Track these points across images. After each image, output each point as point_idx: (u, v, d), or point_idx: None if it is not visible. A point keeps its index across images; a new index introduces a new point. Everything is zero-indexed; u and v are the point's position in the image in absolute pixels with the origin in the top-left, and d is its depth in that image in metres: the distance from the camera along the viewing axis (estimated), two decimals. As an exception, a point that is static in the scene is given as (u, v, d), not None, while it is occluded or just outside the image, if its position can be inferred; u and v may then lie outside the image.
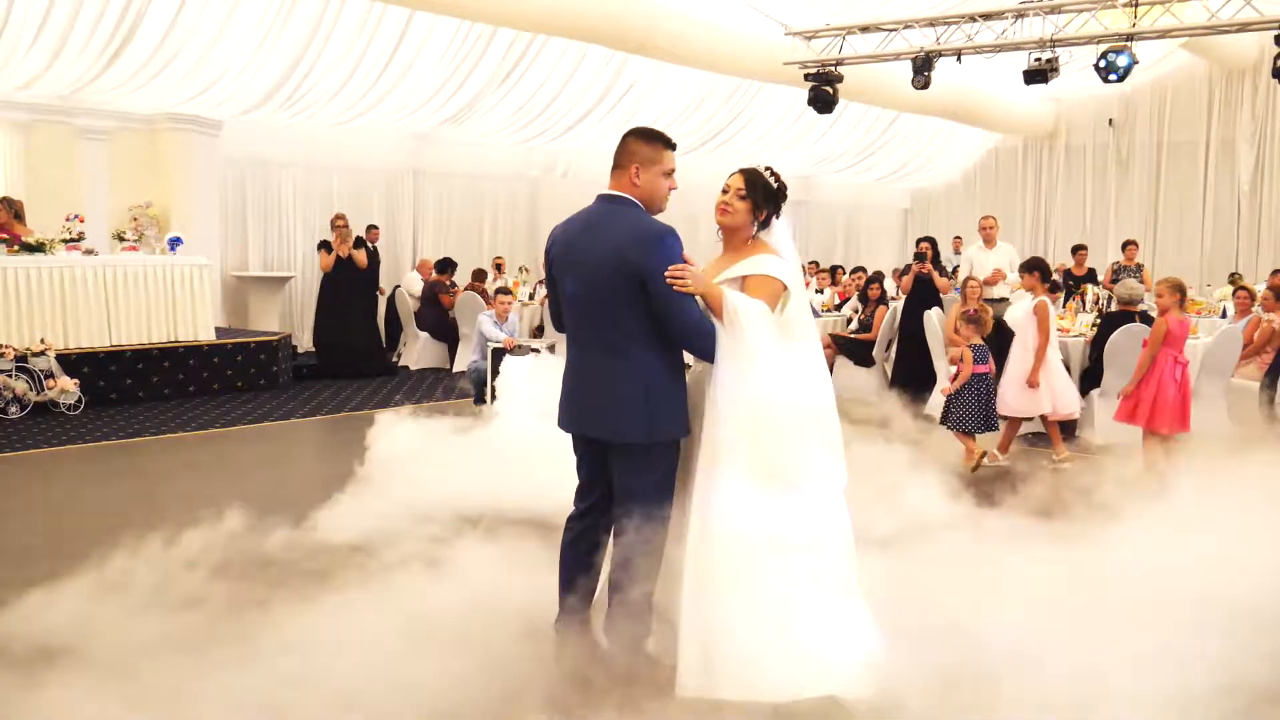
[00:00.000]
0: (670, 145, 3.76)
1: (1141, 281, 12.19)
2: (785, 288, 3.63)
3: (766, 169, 3.77)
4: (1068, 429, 8.39)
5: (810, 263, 16.34)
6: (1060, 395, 7.80)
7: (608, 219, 3.69)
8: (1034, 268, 7.96)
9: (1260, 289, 10.13)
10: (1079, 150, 20.26)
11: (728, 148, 17.20)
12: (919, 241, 10.71)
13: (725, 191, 3.77)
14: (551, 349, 9.44)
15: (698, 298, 3.54)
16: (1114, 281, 12.38)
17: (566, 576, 3.87)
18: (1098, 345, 8.77)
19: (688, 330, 3.54)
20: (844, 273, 14.50)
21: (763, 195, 3.73)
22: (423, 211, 15.05)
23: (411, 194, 14.82)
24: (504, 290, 10.99)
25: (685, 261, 3.52)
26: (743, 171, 3.77)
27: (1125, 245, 12.67)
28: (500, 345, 9.20)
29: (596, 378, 3.67)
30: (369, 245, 12.16)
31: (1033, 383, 7.66)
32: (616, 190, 3.75)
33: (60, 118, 11.24)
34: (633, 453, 3.62)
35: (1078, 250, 13.33)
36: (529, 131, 14.91)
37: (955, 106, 16.84)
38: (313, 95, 12.27)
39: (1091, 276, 12.50)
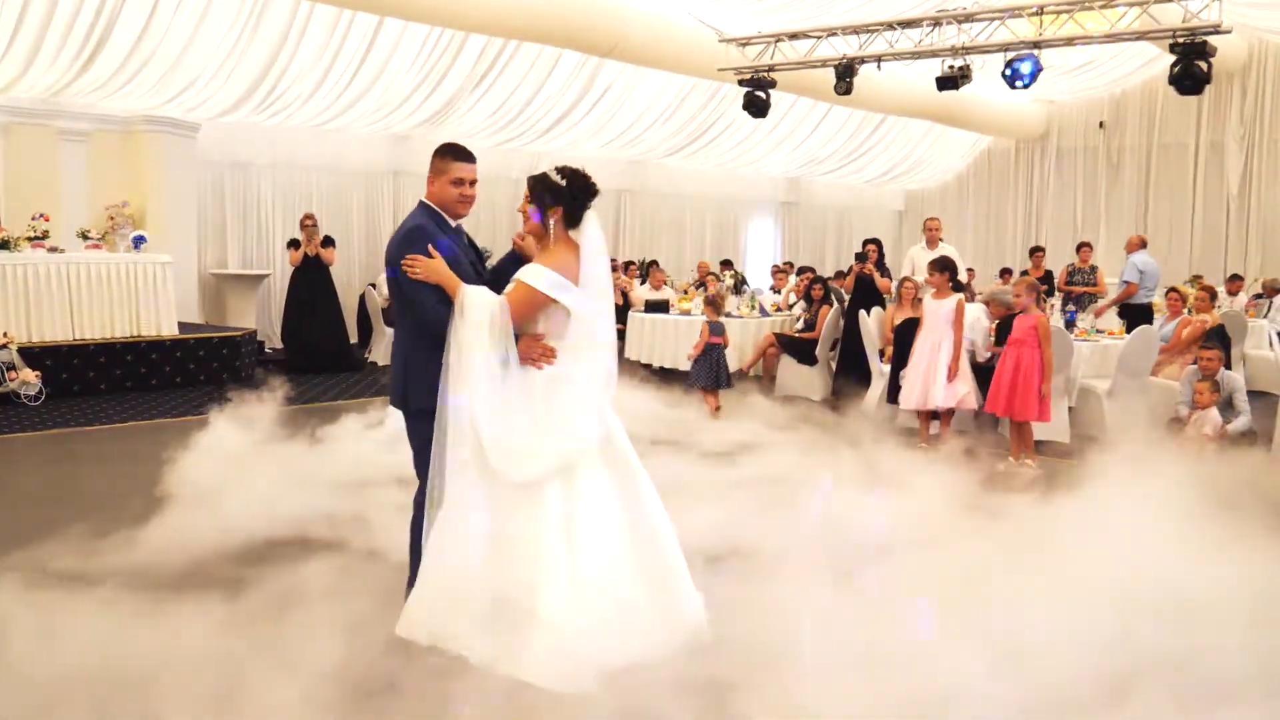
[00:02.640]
0: (461, 157, 4.10)
1: (1096, 283, 12.38)
2: (550, 300, 3.84)
3: (557, 168, 3.98)
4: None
5: (786, 263, 16.54)
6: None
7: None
8: (944, 268, 8.22)
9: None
10: (1070, 152, 20.35)
11: (709, 150, 17.49)
12: (865, 243, 10.94)
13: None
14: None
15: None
16: (1068, 283, 12.55)
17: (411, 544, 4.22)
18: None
19: (421, 315, 3.94)
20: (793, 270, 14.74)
21: (550, 195, 3.94)
22: (403, 212, 15.36)
23: (392, 194, 15.18)
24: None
25: (429, 255, 3.87)
26: (530, 177, 4.04)
27: (1080, 247, 12.79)
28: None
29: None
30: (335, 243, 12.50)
31: (954, 374, 8.07)
32: (425, 197, 4.15)
33: (39, 120, 11.68)
34: (405, 419, 4.13)
35: (1035, 252, 13.48)
36: (507, 133, 15.22)
37: (943, 109, 16.96)
38: (287, 98, 12.66)
39: (1048, 279, 12.64)
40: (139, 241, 10.80)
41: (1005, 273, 16.80)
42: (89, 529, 5.16)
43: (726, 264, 15.68)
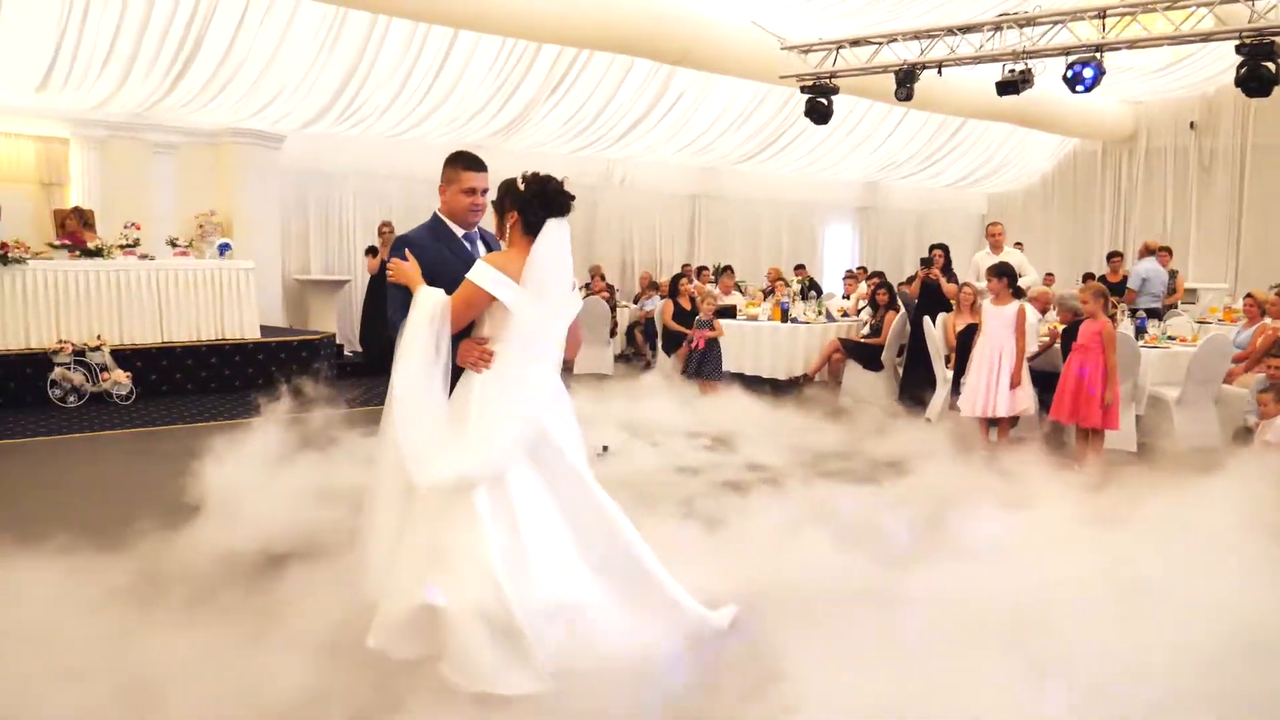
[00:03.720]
0: (471, 166, 4.21)
1: (1175, 289, 12.12)
2: (489, 297, 3.82)
3: (526, 175, 3.94)
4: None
5: (859, 268, 16.48)
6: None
7: None
8: (1002, 273, 8.17)
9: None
10: (1159, 153, 19.83)
11: (784, 156, 17.49)
12: (931, 248, 10.89)
13: None
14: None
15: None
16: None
17: None
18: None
19: (390, 312, 4.06)
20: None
21: (509, 199, 3.93)
22: (479, 220, 15.73)
23: (467, 204, 15.48)
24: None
25: (406, 259, 4.01)
26: (501, 183, 4.04)
27: (1110, 257, 12.71)
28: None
29: None
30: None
31: (1017, 382, 8.01)
32: (439, 206, 4.33)
33: (133, 133, 12.27)
34: None
35: (1112, 257, 13.23)
36: (581, 141, 15.45)
37: (1024, 112, 16.70)
38: (366, 109, 13.05)
39: (1124, 285, 12.40)
40: (224, 249, 11.26)
41: (1089, 278, 16.48)
42: (157, 523, 5.45)
43: (800, 268, 15.69)
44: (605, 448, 7.80)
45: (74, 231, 10.67)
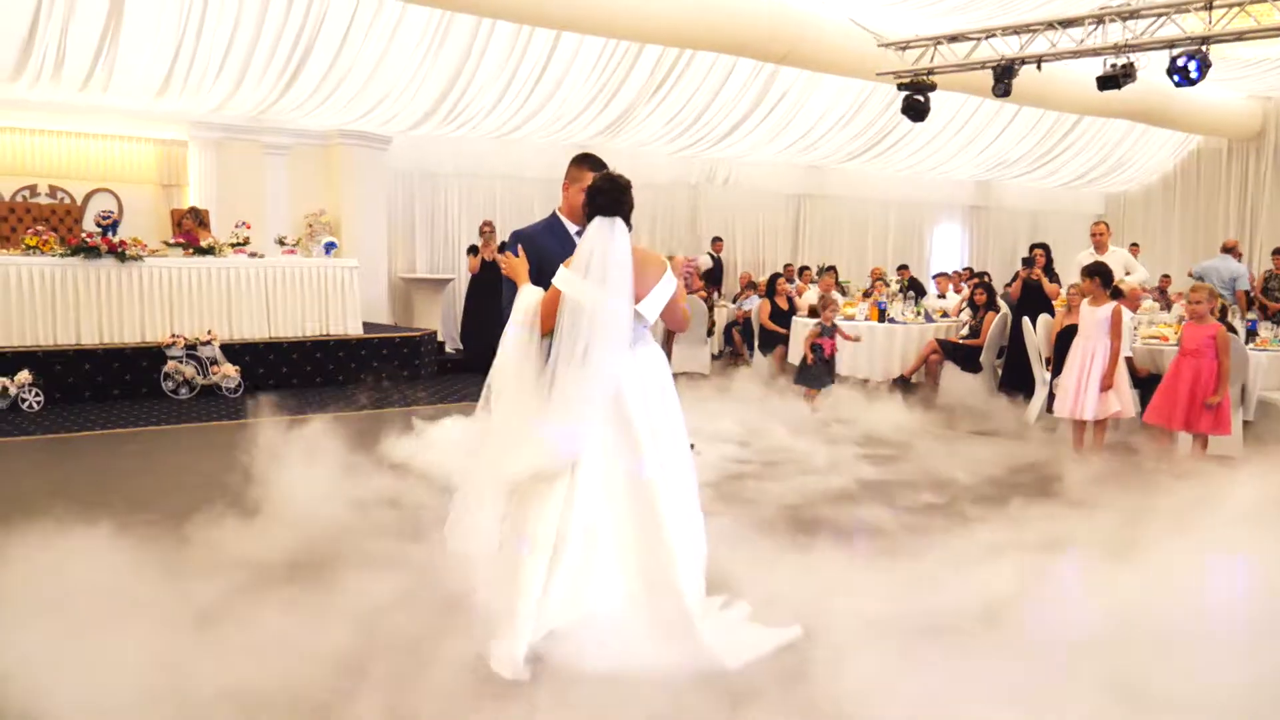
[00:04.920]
0: (595, 167, 4.36)
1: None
2: (560, 293, 3.91)
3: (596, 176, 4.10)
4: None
5: (964, 268, 16.14)
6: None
7: None
8: (1097, 273, 7.94)
9: None
10: (1290, 151, 18.94)
11: (891, 154, 17.23)
12: (1032, 248, 10.62)
13: None
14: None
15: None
16: (1264, 291, 11.78)
17: None
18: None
19: (504, 304, 4.22)
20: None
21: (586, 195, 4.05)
22: (582, 219, 15.90)
23: (571, 202, 15.66)
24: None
25: (517, 254, 4.18)
26: None
27: (1276, 252, 11.96)
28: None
29: None
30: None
31: (1108, 385, 7.77)
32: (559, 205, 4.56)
33: (247, 135, 12.75)
34: None
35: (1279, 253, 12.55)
36: (684, 140, 15.48)
37: (1143, 108, 16.19)
38: (471, 110, 13.30)
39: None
40: (329, 247, 11.61)
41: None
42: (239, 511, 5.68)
43: (902, 268, 15.46)
44: (692, 446, 7.79)
45: (189, 230, 11.13)
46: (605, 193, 3.93)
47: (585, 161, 4.40)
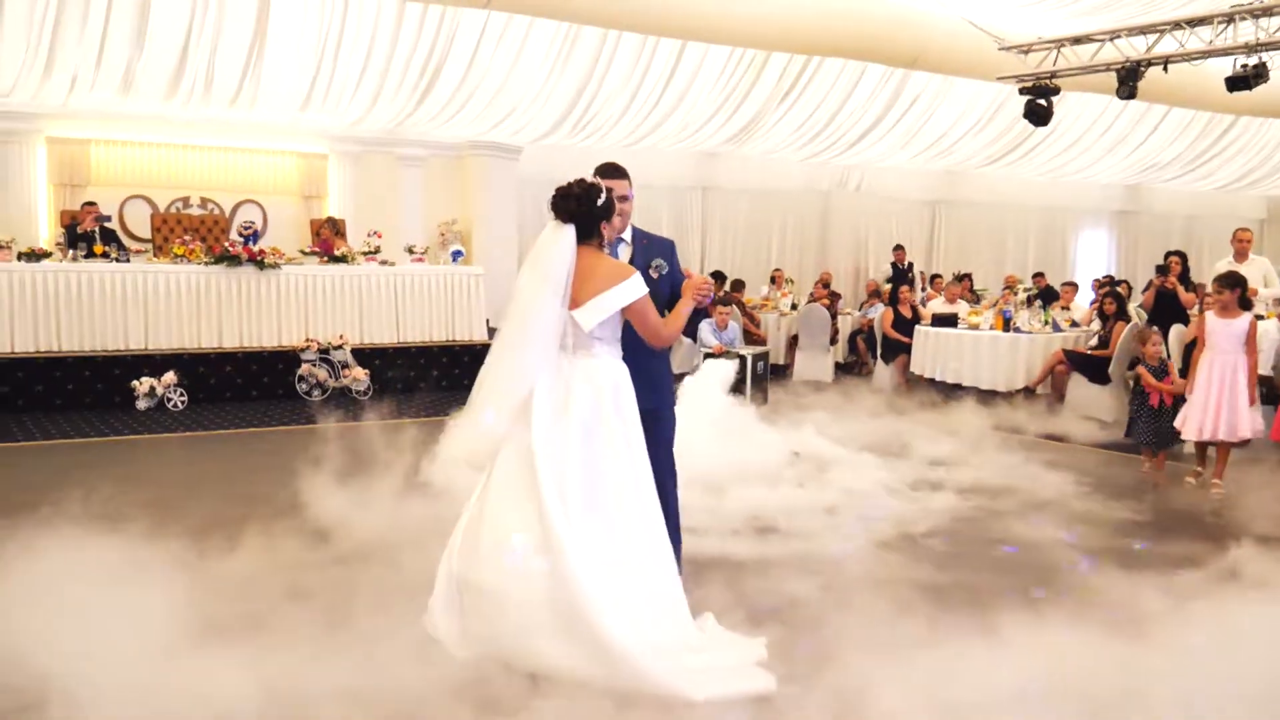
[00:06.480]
0: (610, 174, 4.38)
1: None
2: None
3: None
4: None
5: (1105, 277, 15.52)
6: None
7: None
8: (1232, 284, 7.53)
9: None
10: None
11: (1031, 158, 16.73)
12: (1167, 255, 10.20)
13: None
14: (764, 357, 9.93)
15: None
16: None
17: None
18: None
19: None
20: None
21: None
22: (710, 225, 15.99)
23: (700, 209, 15.77)
24: (724, 301, 11.62)
25: None
26: None
27: None
28: (711, 350, 9.86)
29: None
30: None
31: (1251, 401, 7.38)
32: None
33: (384, 148, 13.29)
34: None
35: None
36: (813, 147, 15.37)
37: (1305, 106, 15.35)
38: (599, 120, 13.52)
39: None
40: (457, 255, 12.00)
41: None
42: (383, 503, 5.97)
43: (1038, 276, 15.00)
44: (796, 454, 7.79)
45: (326, 239, 11.67)
46: (565, 198, 4.00)
47: (599, 171, 4.38)
